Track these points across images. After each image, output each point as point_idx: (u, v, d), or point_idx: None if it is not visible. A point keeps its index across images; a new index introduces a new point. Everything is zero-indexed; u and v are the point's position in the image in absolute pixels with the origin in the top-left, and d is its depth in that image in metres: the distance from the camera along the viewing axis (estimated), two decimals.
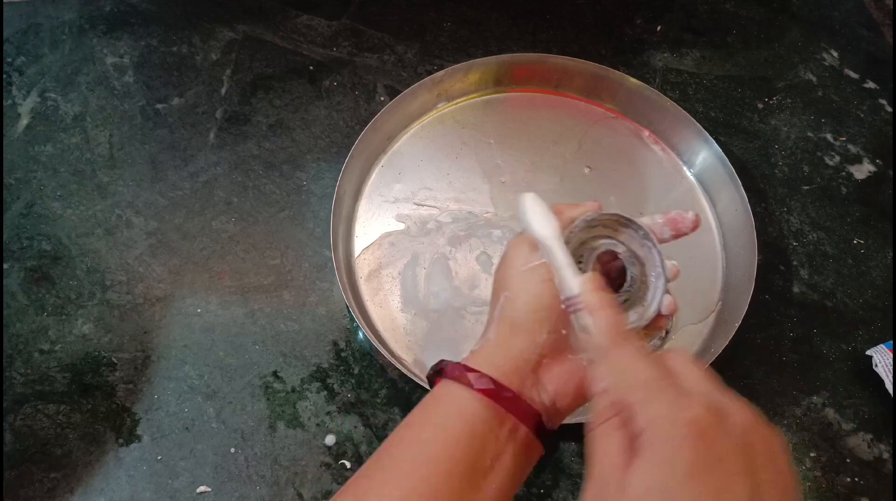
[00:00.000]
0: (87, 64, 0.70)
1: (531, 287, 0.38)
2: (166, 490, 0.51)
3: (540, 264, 0.38)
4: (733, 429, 0.28)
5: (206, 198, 0.63)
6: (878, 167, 0.70)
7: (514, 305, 0.38)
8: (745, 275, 0.57)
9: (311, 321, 0.58)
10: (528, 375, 0.37)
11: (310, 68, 0.71)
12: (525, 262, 0.39)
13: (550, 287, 0.38)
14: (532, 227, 0.39)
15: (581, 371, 0.38)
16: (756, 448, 0.28)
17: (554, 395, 0.37)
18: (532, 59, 0.68)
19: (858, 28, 0.80)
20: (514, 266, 0.39)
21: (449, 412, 0.36)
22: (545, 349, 0.37)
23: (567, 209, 0.42)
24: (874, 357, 0.57)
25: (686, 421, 0.27)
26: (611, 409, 0.30)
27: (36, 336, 0.56)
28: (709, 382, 0.31)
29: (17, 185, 0.63)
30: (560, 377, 0.38)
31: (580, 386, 0.38)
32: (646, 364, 0.31)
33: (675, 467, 0.27)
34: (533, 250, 0.39)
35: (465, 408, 0.35)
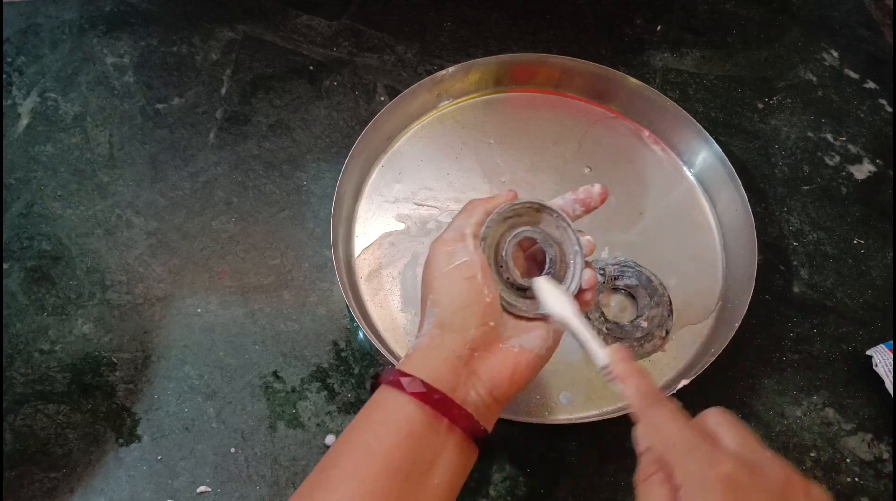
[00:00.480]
0: (87, 64, 0.70)
1: (455, 286, 0.40)
2: (166, 490, 0.51)
3: (461, 263, 0.40)
4: (769, 483, 0.30)
5: (206, 198, 0.63)
6: (878, 167, 0.70)
7: (440, 306, 0.40)
8: (745, 275, 0.57)
9: (311, 321, 0.58)
10: (461, 370, 0.39)
11: (310, 68, 0.71)
12: (447, 263, 0.41)
13: (473, 284, 0.40)
14: (551, 308, 0.41)
15: (513, 358, 0.40)
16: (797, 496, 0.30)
17: (490, 385, 0.39)
18: (532, 59, 0.68)
19: (858, 28, 0.80)
20: (437, 268, 0.41)
21: (387, 416, 0.38)
22: (475, 343, 0.39)
23: (482, 204, 0.44)
24: (874, 357, 0.57)
25: (718, 476, 0.29)
26: (653, 465, 0.33)
27: (36, 336, 0.56)
28: (745, 438, 0.32)
29: (17, 185, 0.63)
30: (494, 367, 0.39)
31: (514, 372, 0.40)
32: (680, 425, 0.33)
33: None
34: (453, 251, 0.41)
35: (402, 411, 0.37)
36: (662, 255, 0.61)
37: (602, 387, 0.55)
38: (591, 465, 0.53)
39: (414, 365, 0.39)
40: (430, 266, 0.42)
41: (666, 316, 0.57)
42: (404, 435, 0.36)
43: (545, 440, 0.54)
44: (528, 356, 0.40)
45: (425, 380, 0.37)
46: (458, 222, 0.43)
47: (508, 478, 0.52)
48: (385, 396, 0.39)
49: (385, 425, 0.37)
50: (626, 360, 0.38)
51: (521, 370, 0.40)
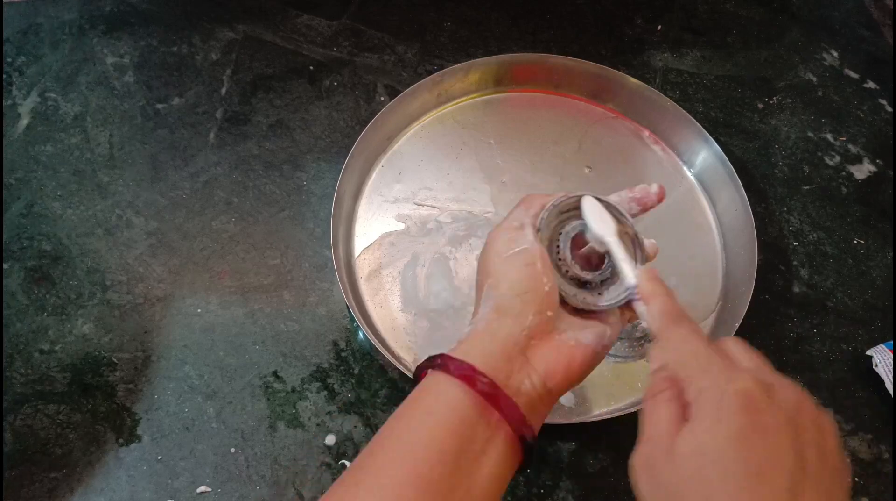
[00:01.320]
0: (87, 64, 0.70)
1: (514, 272, 0.39)
2: (166, 490, 0.51)
3: (521, 250, 0.40)
4: (782, 404, 0.30)
5: (206, 198, 0.63)
6: (878, 167, 0.70)
7: (498, 290, 0.39)
8: (745, 275, 0.57)
9: (311, 321, 0.58)
10: (516, 357, 0.38)
11: (310, 68, 0.71)
12: (507, 249, 0.40)
13: (533, 271, 0.39)
14: (592, 226, 0.41)
15: (569, 350, 0.39)
16: (805, 425, 0.29)
17: (544, 375, 0.38)
18: (532, 59, 0.68)
19: (858, 28, 0.80)
20: (496, 253, 0.40)
21: (435, 402, 0.36)
22: (532, 330, 0.38)
23: (539, 198, 0.43)
24: (874, 357, 0.57)
25: (735, 391, 0.29)
26: (664, 382, 0.32)
27: (36, 336, 0.56)
28: (761, 363, 0.32)
29: (17, 185, 0.63)
30: (548, 358, 0.38)
31: (569, 365, 0.39)
32: (698, 342, 0.33)
33: (722, 431, 0.28)
34: (513, 239, 0.41)
35: (451, 397, 0.36)
36: (662, 255, 0.61)
37: (602, 387, 0.55)
38: (591, 465, 0.53)
39: (467, 350, 0.37)
40: (489, 252, 0.41)
41: None
42: (454, 421, 0.35)
43: (545, 440, 0.54)
44: (584, 351, 0.39)
45: (478, 365, 0.36)
46: (516, 213, 0.43)
47: None
48: (434, 381, 0.37)
49: (432, 410, 0.36)
50: (655, 280, 0.38)
51: (576, 363, 0.39)
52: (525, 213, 0.42)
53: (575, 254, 0.43)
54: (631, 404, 0.54)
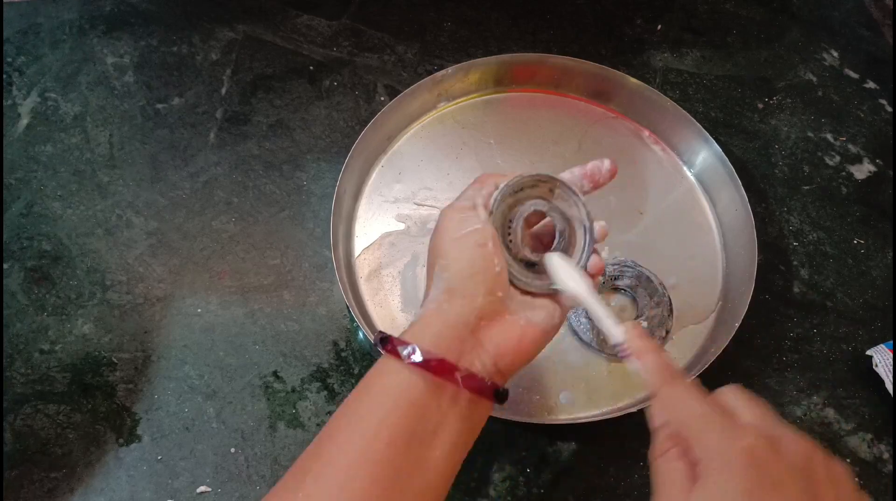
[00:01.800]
0: (87, 64, 0.70)
1: (466, 253, 0.39)
2: (166, 490, 0.51)
3: (473, 230, 0.40)
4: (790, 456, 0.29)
5: (206, 198, 0.63)
6: (878, 167, 0.70)
7: (449, 271, 0.39)
8: (745, 275, 0.57)
9: (311, 321, 0.58)
10: (467, 338, 0.38)
11: (310, 68, 0.71)
12: (459, 229, 0.40)
13: (484, 252, 0.39)
14: (566, 285, 0.41)
15: (519, 331, 0.39)
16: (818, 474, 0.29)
17: (494, 356, 0.38)
18: (532, 59, 0.68)
19: (858, 28, 0.80)
20: (447, 234, 0.40)
21: (385, 386, 0.37)
22: (483, 311, 0.39)
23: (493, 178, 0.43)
24: (874, 357, 0.57)
25: (741, 449, 0.29)
26: (669, 441, 0.32)
27: (36, 336, 0.56)
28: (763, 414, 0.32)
29: (17, 185, 0.63)
30: (498, 338, 0.39)
31: (519, 345, 0.39)
32: (696, 399, 0.33)
33: (731, 490, 0.28)
34: (465, 219, 0.40)
35: (400, 380, 0.36)
36: (662, 255, 0.61)
37: (602, 387, 0.55)
38: (591, 465, 0.53)
39: (417, 332, 0.38)
40: (440, 232, 0.41)
41: (666, 316, 0.57)
42: (404, 405, 0.36)
43: (545, 440, 0.54)
44: (534, 330, 0.40)
45: (429, 347, 0.37)
46: (469, 192, 0.43)
47: (508, 478, 0.52)
48: (385, 365, 0.38)
49: (383, 395, 0.37)
50: (642, 336, 0.37)
51: (526, 343, 0.39)
52: (478, 192, 0.42)
53: (526, 234, 0.43)
54: (631, 404, 0.54)
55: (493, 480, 0.52)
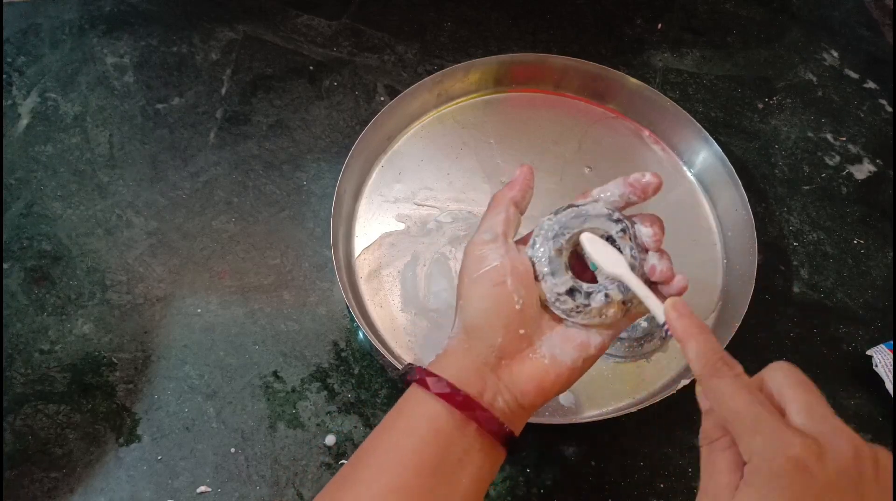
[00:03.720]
0: (87, 64, 0.70)
1: (481, 292, 0.38)
2: (166, 490, 0.51)
3: (490, 268, 0.39)
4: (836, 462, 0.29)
5: (206, 198, 0.63)
6: (878, 167, 0.70)
7: (466, 312, 0.39)
8: (745, 275, 0.57)
9: (311, 321, 0.58)
10: (488, 375, 0.38)
11: (310, 68, 0.71)
12: (476, 268, 0.39)
13: (502, 291, 0.38)
14: (603, 266, 0.39)
15: (542, 370, 0.38)
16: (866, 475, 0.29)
17: (517, 394, 0.38)
18: (532, 59, 0.68)
19: (858, 28, 0.80)
20: (466, 273, 0.40)
21: (415, 415, 0.37)
22: (503, 351, 0.38)
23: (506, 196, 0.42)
24: (874, 357, 0.57)
25: (786, 459, 0.28)
26: (716, 430, 0.32)
27: (36, 336, 0.56)
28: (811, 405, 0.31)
29: (17, 185, 0.63)
30: (521, 377, 0.38)
31: (541, 385, 0.38)
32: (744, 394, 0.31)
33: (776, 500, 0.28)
34: (483, 256, 0.39)
35: (430, 411, 0.37)
36: None
37: (602, 387, 0.55)
38: (591, 465, 0.53)
39: (443, 366, 0.38)
40: (462, 270, 0.40)
41: None
42: (432, 433, 0.36)
43: (545, 440, 0.54)
44: (559, 368, 0.39)
45: (451, 381, 0.37)
46: (486, 221, 0.41)
47: (508, 478, 0.52)
48: (413, 395, 0.38)
49: (413, 423, 0.37)
50: (685, 316, 0.35)
51: (549, 381, 0.38)
52: (496, 218, 0.41)
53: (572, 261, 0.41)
54: (631, 404, 0.54)
55: (493, 480, 0.52)
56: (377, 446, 0.37)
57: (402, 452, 0.36)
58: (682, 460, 0.54)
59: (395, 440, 0.37)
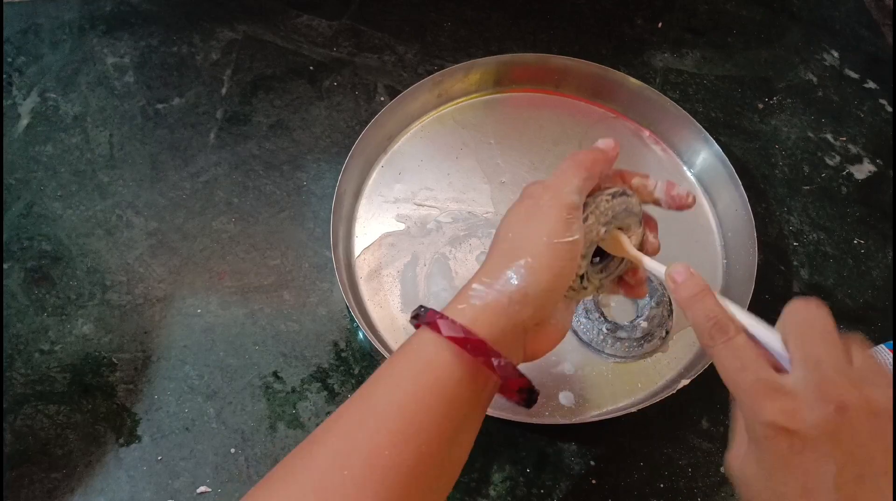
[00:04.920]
0: (87, 64, 0.70)
1: (560, 263, 0.36)
2: (166, 490, 0.51)
3: (573, 240, 0.37)
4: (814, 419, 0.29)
5: (207, 198, 0.63)
6: (878, 167, 0.70)
7: (536, 277, 0.36)
8: (745, 275, 0.57)
9: (311, 321, 0.58)
10: (520, 336, 0.37)
11: (310, 68, 0.71)
12: (560, 233, 0.37)
13: (572, 266, 0.37)
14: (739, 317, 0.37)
15: (553, 334, 0.40)
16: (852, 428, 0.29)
17: (530, 353, 0.39)
18: (532, 59, 0.68)
19: (858, 28, 0.80)
20: (545, 232, 0.37)
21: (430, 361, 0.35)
22: (544, 318, 0.38)
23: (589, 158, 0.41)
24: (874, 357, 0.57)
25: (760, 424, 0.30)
26: None
27: (36, 336, 0.56)
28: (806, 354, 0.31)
29: (17, 185, 0.63)
30: (539, 340, 0.39)
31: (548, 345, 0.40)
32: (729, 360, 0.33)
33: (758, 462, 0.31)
34: (569, 222, 0.37)
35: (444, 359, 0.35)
36: (662, 255, 0.61)
37: (602, 387, 0.55)
38: (591, 465, 0.53)
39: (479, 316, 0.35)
40: (536, 225, 0.37)
41: (666, 316, 0.57)
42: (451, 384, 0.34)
43: (545, 440, 0.54)
44: (560, 331, 0.40)
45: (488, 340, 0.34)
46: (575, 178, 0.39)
47: (508, 478, 0.52)
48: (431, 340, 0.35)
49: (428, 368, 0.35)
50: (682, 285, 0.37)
51: (552, 343, 0.40)
52: (587, 183, 0.39)
53: None
54: (631, 404, 0.54)
55: (493, 480, 0.52)
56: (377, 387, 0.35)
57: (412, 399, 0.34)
58: (683, 460, 0.54)
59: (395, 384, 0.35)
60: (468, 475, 0.52)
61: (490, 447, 0.53)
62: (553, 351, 0.54)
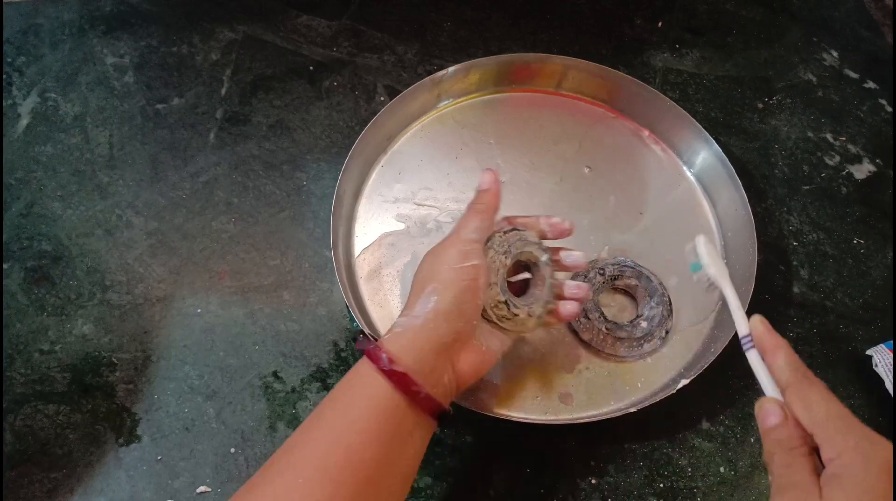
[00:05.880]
0: (87, 64, 0.70)
1: (462, 284, 0.44)
2: (166, 490, 0.51)
3: (472, 265, 0.45)
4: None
5: (206, 198, 0.63)
6: (878, 167, 0.70)
7: (443, 296, 0.44)
8: (745, 275, 0.57)
9: (311, 321, 0.58)
10: (442, 355, 0.43)
11: (310, 68, 0.71)
12: (459, 260, 0.45)
13: (475, 285, 0.45)
14: (710, 270, 0.46)
15: (481, 355, 0.46)
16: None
17: (458, 373, 0.44)
18: (532, 59, 0.68)
19: (858, 28, 0.80)
20: (448, 262, 0.45)
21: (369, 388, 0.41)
22: (460, 335, 0.44)
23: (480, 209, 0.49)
24: (874, 357, 0.57)
25: (883, 459, 0.32)
26: (796, 438, 0.35)
27: (36, 336, 0.56)
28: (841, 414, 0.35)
29: (17, 185, 0.63)
30: (465, 360, 0.45)
31: (480, 367, 0.46)
32: (833, 400, 0.35)
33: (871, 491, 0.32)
34: (468, 253, 0.45)
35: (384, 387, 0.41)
36: (662, 255, 0.61)
37: (602, 387, 0.55)
38: (591, 465, 0.53)
39: (403, 344, 0.42)
40: (441, 259, 0.45)
41: (666, 316, 0.57)
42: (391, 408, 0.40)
43: (545, 440, 0.54)
44: (492, 356, 0.47)
45: (410, 361, 0.41)
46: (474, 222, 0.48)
47: (508, 478, 0.52)
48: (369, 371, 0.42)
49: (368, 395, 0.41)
50: (771, 331, 0.40)
51: (484, 366, 0.46)
52: (484, 223, 0.48)
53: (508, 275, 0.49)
54: (631, 403, 0.54)
55: (493, 480, 0.52)
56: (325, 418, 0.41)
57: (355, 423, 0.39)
58: (683, 460, 0.54)
59: (348, 412, 0.40)
60: (468, 474, 0.52)
61: (490, 447, 0.53)
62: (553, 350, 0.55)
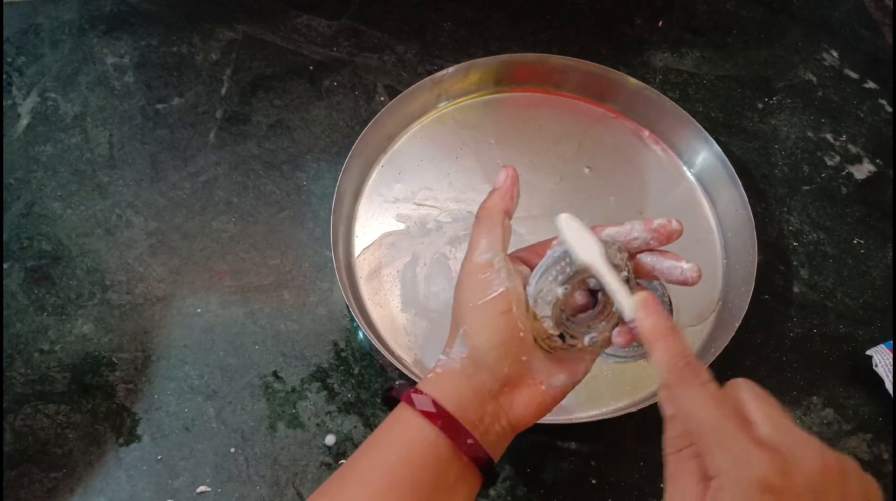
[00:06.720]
0: (87, 64, 0.70)
1: (489, 322, 0.37)
2: (166, 490, 0.51)
3: (496, 296, 0.37)
4: (802, 476, 0.28)
5: (206, 198, 0.63)
6: (878, 167, 0.70)
7: (473, 341, 0.38)
8: (745, 275, 0.57)
9: (311, 321, 0.58)
10: (489, 402, 0.37)
11: (310, 68, 0.71)
12: (481, 295, 0.38)
13: (508, 319, 0.37)
14: (575, 252, 0.38)
15: (539, 396, 0.39)
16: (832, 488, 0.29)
17: (514, 419, 0.38)
18: (532, 59, 0.68)
19: (858, 28, 0.80)
20: (471, 299, 0.38)
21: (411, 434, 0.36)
22: (507, 379, 0.38)
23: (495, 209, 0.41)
24: (874, 357, 0.57)
25: (752, 480, 0.28)
26: (682, 439, 0.31)
27: (36, 336, 0.56)
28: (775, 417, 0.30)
29: (17, 185, 0.63)
30: (519, 404, 0.38)
31: (538, 410, 0.39)
32: (709, 405, 0.31)
33: None
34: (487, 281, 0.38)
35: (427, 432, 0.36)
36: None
37: (602, 387, 0.55)
38: (591, 465, 0.53)
39: (442, 389, 0.37)
40: (464, 295, 0.39)
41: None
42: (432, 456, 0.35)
43: (545, 440, 0.54)
44: (554, 394, 0.39)
45: (451, 407, 0.36)
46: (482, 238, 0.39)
47: (508, 478, 0.52)
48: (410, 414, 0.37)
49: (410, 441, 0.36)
50: (653, 315, 0.34)
51: (545, 406, 0.39)
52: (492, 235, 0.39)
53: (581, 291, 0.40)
54: (631, 404, 0.54)
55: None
56: (368, 460, 0.37)
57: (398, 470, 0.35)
58: None
59: (390, 458, 0.36)
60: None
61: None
62: None
